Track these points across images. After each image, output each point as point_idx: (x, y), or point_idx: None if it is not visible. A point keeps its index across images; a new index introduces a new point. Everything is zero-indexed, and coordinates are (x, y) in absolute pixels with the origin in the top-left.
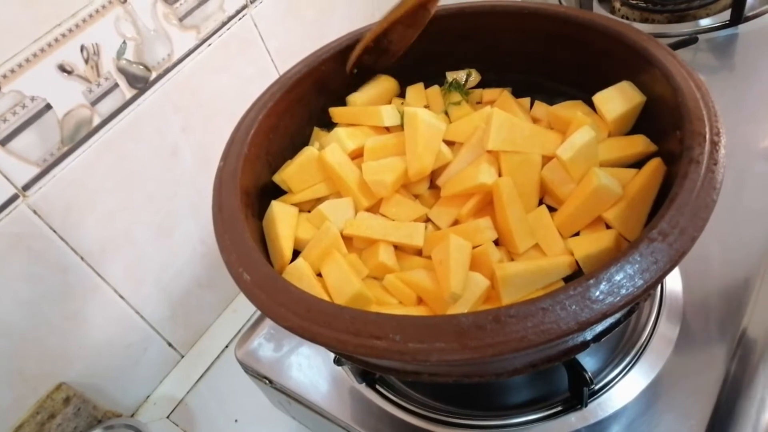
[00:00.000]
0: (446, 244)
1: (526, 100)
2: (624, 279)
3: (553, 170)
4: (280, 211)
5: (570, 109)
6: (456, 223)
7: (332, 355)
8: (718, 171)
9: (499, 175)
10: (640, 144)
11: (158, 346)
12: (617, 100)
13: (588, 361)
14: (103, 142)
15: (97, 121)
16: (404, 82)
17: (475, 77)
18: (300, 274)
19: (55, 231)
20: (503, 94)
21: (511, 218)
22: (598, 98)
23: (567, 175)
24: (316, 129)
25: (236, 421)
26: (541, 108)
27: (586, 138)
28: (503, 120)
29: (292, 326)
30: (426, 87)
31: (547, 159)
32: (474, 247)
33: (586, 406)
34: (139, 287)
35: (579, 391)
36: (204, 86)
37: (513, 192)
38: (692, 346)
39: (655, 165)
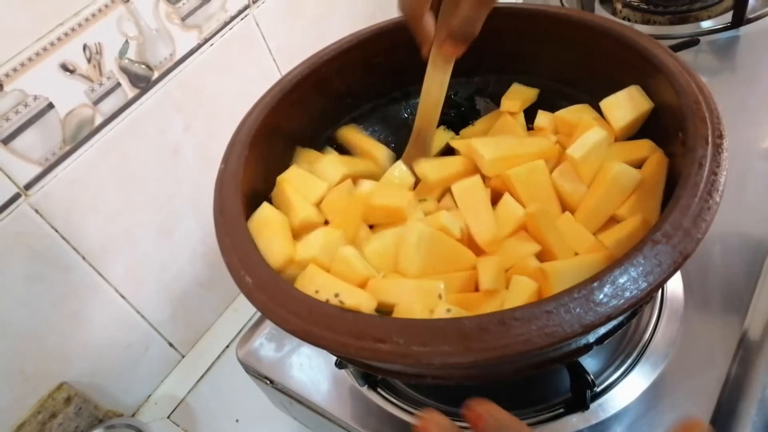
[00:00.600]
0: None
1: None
2: (628, 282)
3: (563, 174)
4: (271, 213)
5: (576, 114)
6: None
7: (334, 356)
8: (720, 173)
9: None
10: (646, 148)
11: (159, 346)
12: (625, 106)
13: (590, 362)
14: (104, 142)
15: (99, 120)
16: (405, 83)
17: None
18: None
19: (56, 230)
20: (502, 117)
21: (552, 241)
22: (606, 104)
23: (577, 178)
24: (299, 149)
25: (237, 421)
26: (544, 117)
27: (598, 137)
28: (486, 144)
29: (294, 329)
30: None
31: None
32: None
33: (588, 408)
34: (140, 287)
35: (581, 394)
36: (206, 86)
37: (546, 218)
38: (693, 347)
39: (657, 159)
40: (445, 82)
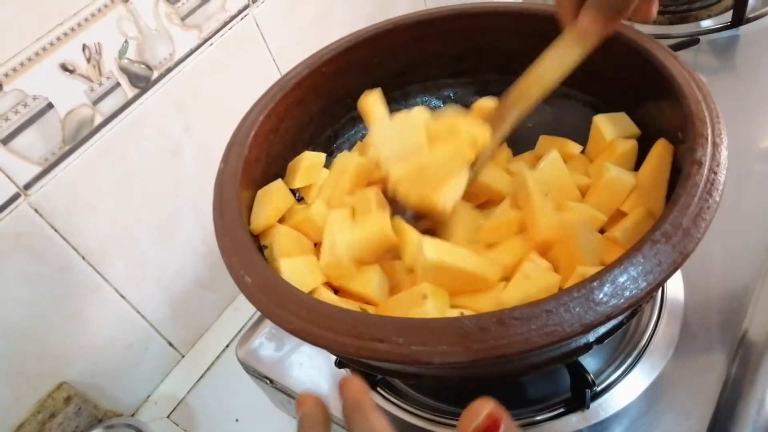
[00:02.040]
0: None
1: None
2: (628, 281)
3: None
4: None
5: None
6: None
7: (333, 356)
8: (720, 172)
9: None
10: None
11: (159, 346)
12: (616, 125)
13: (589, 362)
14: (104, 142)
15: (98, 120)
16: (405, 83)
17: None
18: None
19: (56, 230)
20: None
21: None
22: (599, 118)
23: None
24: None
25: (237, 420)
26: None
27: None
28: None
29: (294, 329)
30: (427, 89)
31: None
32: None
33: (588, 407)
34: (140, 287)
35: (581, 393)
36: (206, 86)
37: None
38: (693, 347)
39: (660, 147)
40: (564, 61)
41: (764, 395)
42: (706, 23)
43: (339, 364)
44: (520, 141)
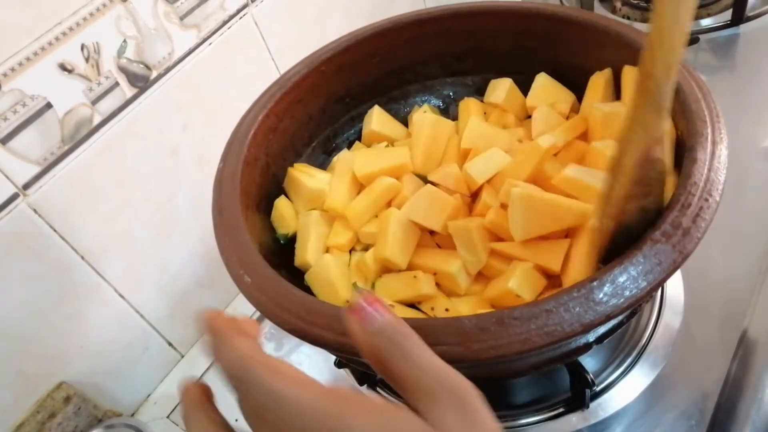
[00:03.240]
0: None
1: None
2: (627, 281)
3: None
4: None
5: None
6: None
7: (333, 356)
8: (720, 171)
9: None
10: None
11: (158, 346)
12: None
13: (589, 362)
14: (103, 141)
15: (97, 120)
16: (404, 83)
17: None
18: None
19: (55, 230)
20: None
21: None
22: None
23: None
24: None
25: (236, 420)
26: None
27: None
28: None
29: (293, 329)
30: (426, 88)
31: None
32: None
33: (587, 407)
34: (139, 286)
35: (581, 393)
36: (205, 85)
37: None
38: (693, 347)
39: (629, 73)
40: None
41: (764, 395)
42: (706, 22)
43: (338, 364)
44: None
